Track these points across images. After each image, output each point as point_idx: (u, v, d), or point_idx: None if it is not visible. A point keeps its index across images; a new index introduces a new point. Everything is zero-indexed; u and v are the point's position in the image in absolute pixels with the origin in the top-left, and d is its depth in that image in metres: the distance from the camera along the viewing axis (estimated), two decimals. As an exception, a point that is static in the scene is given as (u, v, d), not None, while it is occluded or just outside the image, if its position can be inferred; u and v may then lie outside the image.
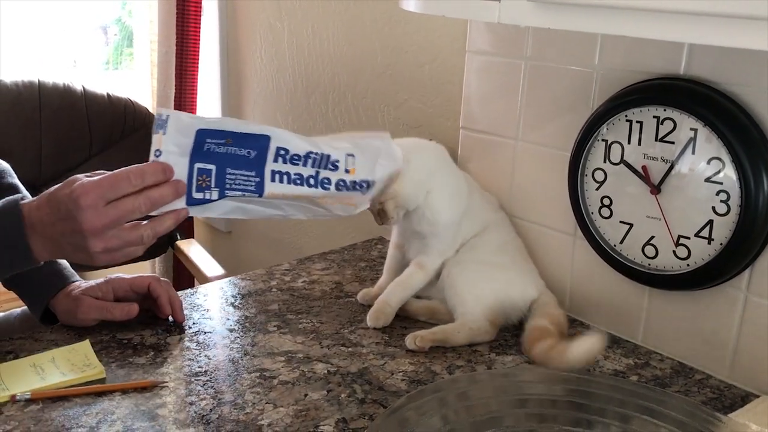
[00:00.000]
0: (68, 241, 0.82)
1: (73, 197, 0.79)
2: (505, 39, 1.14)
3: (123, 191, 0.80)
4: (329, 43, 1.57)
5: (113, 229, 0.81)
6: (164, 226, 0.84)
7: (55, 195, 0.82)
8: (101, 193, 0.80)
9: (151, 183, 0.82)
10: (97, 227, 0.80)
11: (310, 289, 1.17)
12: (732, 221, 0.89)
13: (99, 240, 0.81)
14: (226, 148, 0.84)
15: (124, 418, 0.81)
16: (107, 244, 0.81)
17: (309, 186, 0.89)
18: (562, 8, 0.73)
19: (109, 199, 0.80)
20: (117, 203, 0.80)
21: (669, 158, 0.94)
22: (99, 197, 0.79)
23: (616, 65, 1.00)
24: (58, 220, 0.81)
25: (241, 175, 0.86)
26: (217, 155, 0.84)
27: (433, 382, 0.90)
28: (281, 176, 0.87)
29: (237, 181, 0.86)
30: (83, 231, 0.80)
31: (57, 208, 0.81)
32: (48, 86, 1.69)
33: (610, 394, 0.78)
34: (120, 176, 0.81)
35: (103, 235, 0.80)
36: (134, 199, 0.81)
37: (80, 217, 0.79)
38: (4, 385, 0.85)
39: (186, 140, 0.82)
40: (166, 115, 0.82)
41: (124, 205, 0.81)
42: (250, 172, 0.86)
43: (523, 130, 1.14)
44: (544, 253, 1.13)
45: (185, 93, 1.89)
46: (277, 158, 0.86)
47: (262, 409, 0.84)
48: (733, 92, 0.89)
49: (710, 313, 0.95)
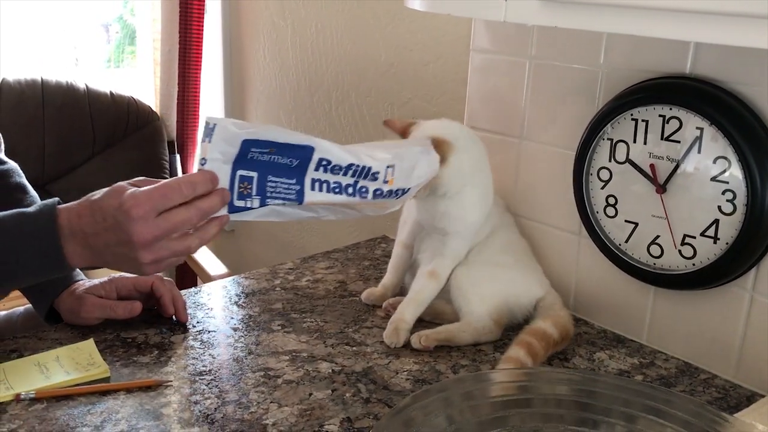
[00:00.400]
0: (114, 251, 0.81)
1: (124, 209, 0.78)
2: (509, 38, 1.14)
3: (174, 202, 0.79)
4: (333, 41, 1.56)
5: (162, 240, 0.80)
6: (209, 234, 0.84)
7: (100, 204, 0.81)
8: (153, 205, 0.78)
9: (201, 193, 0.81)
10: (148, 239, 0.79)
11: (314, 288, 1.17)
12: (738, 220, 0.89)
13: (148, 252, 0.80)
14: (269, 156, 0.84)
15: (129, 417, 0.81)
16: (156, 255, 0.81)
17: (347, 195, 0.89)
18: (568, 7, 0.72)
19: (160, 211, 0.79)
20: (168, 215, 0.79)
21: (675, 157, 0.94)
22: (151, 209, 0.78)
23: (622, 64, 0.99)
24: (103, 230, 0.80)
25: (282, 183, 0.86)
26: (259, 163, 0.84)
27: (438, 382, 0.90)
28: (321, 184, 0.87)
29: (278, 189, 0.86)
30: (133, 243, 0.79)
31: (102, 218, 0.80)
32: (51, 84, 1.69)
33: (616, 393, 0.78)
34: (172, 187, 0.80)
35: (152, 246, 0.80)
36: (186, 211, 0.80)
37: (131, 229, 0.78)
38: (9, 384, 0.85)
39: (231, 149, 0.82)
40: (213, 124, 0.81)
41: (175, 217, 0.80)
42: (290, 180, 0.86)
43: (528, 129, 1.13)
44: (549, 252, 1.13)
45: (188, 91, 1.89)
46: (318, 168, 0.86)
47: (267, 408, 0.84)
48: (739, 91, 0.88)
49: (716, 312, 0.95)
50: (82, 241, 0.81)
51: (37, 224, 0.82)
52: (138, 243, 0.79)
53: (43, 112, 1.66)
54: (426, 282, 1.04)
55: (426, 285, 1.04)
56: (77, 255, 0.82)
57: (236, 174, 0.83)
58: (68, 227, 0.82)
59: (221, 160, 0.82)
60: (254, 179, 0.84)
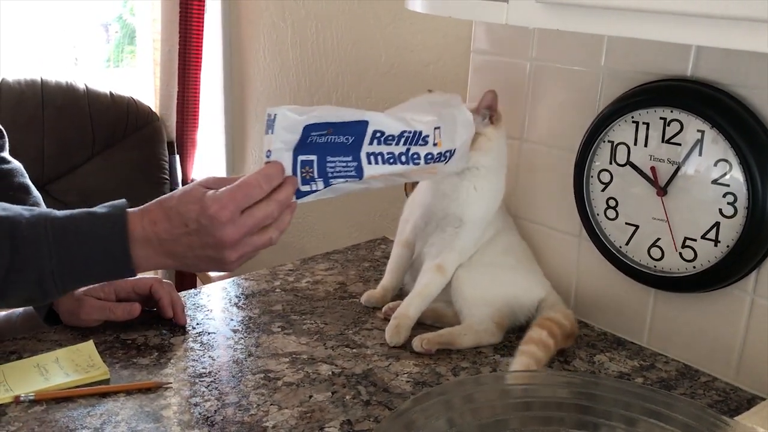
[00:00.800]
0: (197, 254, 0.83)
1: (210, 213, 0.79)
2: (510, 39, 1.13)
3: (255, 199, 0.81)
4: (333, 42, 1.56)
5: (246, 237, 0.82)
6: (285, 223, 0.86)
7: (179, 210, 0.81)
8: (237, 206, 0.80)
9: (276, 185, 0.82)
10: (235, 239, 0.81)
11: (314, 289, 1.17)
12: (739, 223, 0.89)
13: (234, 251, 0.82)
14: (326, 137, 0.85)
15: (129, 419, 0.81)
16: (241, 252, 0.82)
17: (401, 163, 0.91)
18: (570, 9, 0.72)
19: (242, 209, 0.81)
20: (251, 212, 0.81)
21: (675, 160, 0.94)
22: (236, 209, 0.80)
23: (623, 66, 0.99)
24: (184, 235, 0.81)
25: (340, 162, 0.87)
26: (317, 145, 0.85)
27: (439, 385, 0.90)
28: (375, 157, 0.89)
29: (337, 168, 0.87)
30: (223, 244, 0.80)
31: (183, 224, 0.81)
32: (51, 85, 1.69)
33: (616, 396, 0.78)
34: (251, 184, 0.81)
35: (238, 245, 0.81)
36: (266, 206, 0.82)
37: (219, 232, 0.80)
38: (8, 386, 0.85)
39: (292, 136, 0.83)
40: (273, 114, 0.82)
41: (258, 213, 0.81)
42: (347, 157, 0.87)
43: (529, 131, 1.13)
44: (550, 254, 1.13)
45: (188, 92, 1.88)
46: (372, 141, 0.88)
47: (267, 410, 0.84)
48: (740, 94, 0.88)
49: (716, 315, 0.95)
50: (157, 248, 0.83)
51: (107, 228, 0.82)
52: (227, 244, 0.81)
53: (43, 113, 1.66)
54: (433, 276, 1.04)
55: (433, 279, 1.04)
56: (146, 260, 0.83)
57: (297, 160, 0.85)
58: (141, 233, 0.82)
59: (284, 148, 0.83)
60: (314, 162, 0.85)
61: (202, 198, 0.81)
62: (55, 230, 0.81)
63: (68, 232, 0.81)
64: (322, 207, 1.68)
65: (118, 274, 0.85)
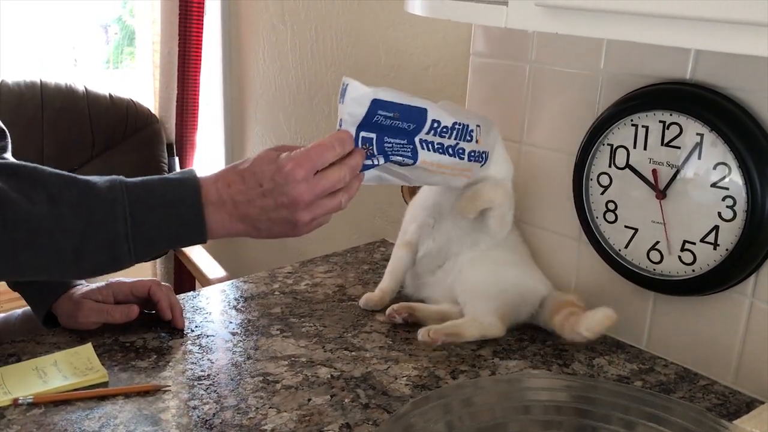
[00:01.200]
0: (270, 217, 0.83)
1: (285, 171, 0.81)
2: (509, 42, 1.13)
3: (329, 161, 0.82)
4: (332, 44, 1.56)
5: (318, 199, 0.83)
6: (354, 189, 0.87)
7: (253, 171, 0.83)
8: (312, 165, 0.81)
9: (347, 151, 0.84)
10: (309, 199, 0.81)
11: (312, 292, 1.17)
12: (738, 227, 0.89)
13: (307, 211, 0.82)
14: (391, 121, 0.88)
15: (127, 422, 0.80)
16: (314, 213, 0.83)
17: (449, 155, 0.95)
18: (569, 13, 0.72)
19: (317, 170, 0.82)
20: (325, 173, 0.83)
21: (675, 163, 0.94)
22: (311, 169, 0.81)
23: (622, 69, 0.99)
24: (259, 196, 0.82)
25: (397, 143, 0.90)
26: (380, 126, 0.88)
27: (438, 388, 0.90)
28: (428, 144, 0.93)
29: (395, 148, 0.90)
30: (297, 203, 0.81)
31: (258, 184, 0.82)
32: (50, 87, 1.69)
33: (615, 400, 0.78)
34: (326, 146, 0.82)
35: (311, 206, 0.82)
36: (339, 169, 0.83)
37: (294, 191, 0.81)
38: (6, 389, 0.85)
39: (360, 109, 0.85)
40: (346, 83, 0.85)
41: (331, 175, 0.83)
42: (403, 140, 0.91)
43: (528, 134, 1.13)
44: (549, 257, 1.13)
45: (187, 94, 1.88)
46: (430, 131, 0.92)
47: (266, 413, 0.84)
48: (739, 97, 0.88)
49: (715, 318, 0.95)
50: (231, 210, 0.83)
51: (182, 192, 0.82)
52: (300, 203, 0.81)
53: (42, 115, 1.66)
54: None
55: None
56: (220, 225, 0.83)
57: (359, 135, 0.87)
58: (216, 196, 0.82)
59: (350, 122, 0.86)
60: (374, 140, 0.88)
61: (277, 159, 0.82)
62: (130, 193, 0.81)
63: (143, 196, 0.81)
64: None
65: (191, 239, 0.84)
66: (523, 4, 0.76)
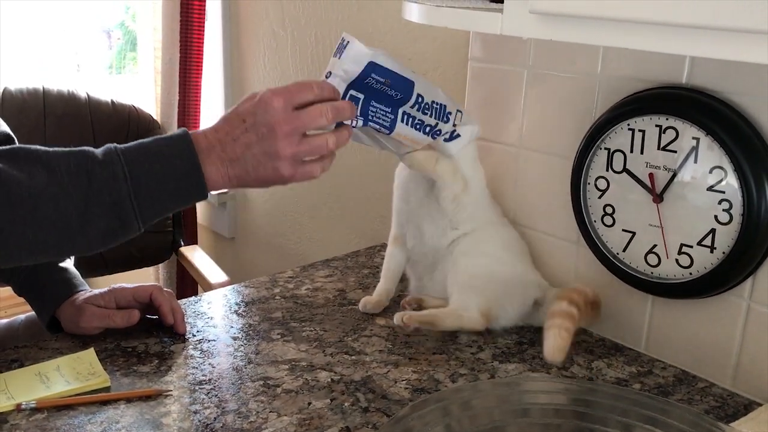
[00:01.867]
0: (253, 153, 0.83)
1: (263, 101, 0.82)
2: (507, 47, 1.14)
3: (308, 98, 0.84)
4: (332, 50, 1.56)
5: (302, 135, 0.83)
6: (344, 137, 0.88)
7: (237, 110, 0.85)
8: (290, 97, 0.83)
9: (328, 97, 0.85)
10: (287, 129, 0.82)
11: (313, 296, 1.18)
12: (734, 230, 0.89)
13: (288, 143, 0.82)
14: (382, 86, 0.90)
15: (129, 426, 0.81)
16: (296, 149, 0.83)
17: (425, 134, 0.98)
18: (563, 20, 0.73)
19: (296, 104, 0.83)
20: (305, 109, 0.83)
21: (671, 167, 0.94)
22: (288, 100, 0.82)
23: (619, 74, 1.00)
24: (242, 133, 0.83)
25: (381, 110, 0.93)
26: (370, 89, 0.90)
27: (437, 392, 0.91)
28: (408, 119, 0.95)
29: (377, 115, 0.93)
30: (275, 133, 0.81)
31: (242, 120, 0.83)
32: (52, 93, 1.70)
33: (613, 403, 0.79)
34: (306, 84, 0.84)
35: (292, 137, 0.82)
36: (321, 105, 0.84)
37: (271, 120, 0.81)
38: (10, 394, 0.85)
39: (355, 68, 0.88)
40: (346, 40, 0.88)
41: (312, 110, 0.83)
42: (387, 108, 0.93)
43: (526, 138, 1.14)
44: (547, 260, 1.14)
45: (189, 100, 1.89)
46: (414, 105, 0.94)
47: (266, 417, 0.84)
48: (735, 101, 0.89)
49: (713, 321, 0.96)
50: (220, 154, 0.83)
51: (175, 146, 0.83)
52: (279, 133, 0.81)
53: (45, 121, 1.67)
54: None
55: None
56: (216, 173, 0.83)
57: (348, 93, 0.90)
58: (205, 143, 0.83)
59: (342, 78, 0.88)
60: (360, 101, 0.90)
61: (255, 96, 0.84)
62: (126, 154, 0.81)
63: (139, 155, 0.82)
64: (322, 213, 1.69)
65: (193, 192, 0.84)
66: (518, 11, 0.77)
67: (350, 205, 1.61)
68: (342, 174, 1.60)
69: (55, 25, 2.59)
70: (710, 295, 0.94)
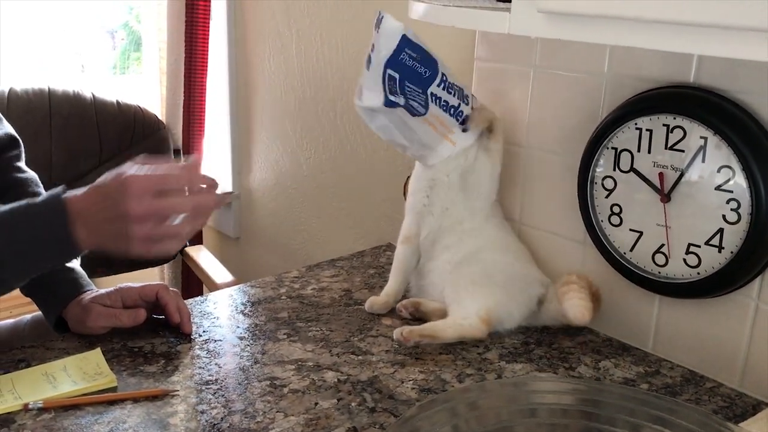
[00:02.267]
0: (111, 228, 0.86)
1: (124, 185, 0.84)
2: (513, 47, 1.14)
3: (170, 187, 0.86)
4: (338, 49, 1.57)
5: (156, 220, 0.85)
6: (199, 223, 0.91)
7: (104, 183, 0.87)
8: (150, 185, 0.85)
9: (197, 187, 0.88)
10: (140, 213, 0.84)
11: (319, 296, 1.17)
12: (742, 229, 0.89)
13: (141, 227, 0.84)
14: (413, 62, 0.95)
15: (136, 426, 0.81)
16: (148, 232, 0.85)
17: (451, 115, 1.03)
18: (572, 19, 0.73)
19: (157, 191, 0.85)
20: (164, 197, 0.85)
21: (679, 166, 0.94)
22: (148, 188, 0.84)
23: (626, 73, 1.00)
24: (104, 208, 0.85)
25: (415, 90, 0.98)
26: (403, 67, 0.96)
27: (444, 392, 0.90)
28: (437, 99, 1.00)
29: (413, 94, 0.98)
30: (128, 215, 0.83)
31: (106, 195, 0.85)
32: (58, 94, 1.70)
33: (621, 403, 0.78)
34: (170, 174, 0.87)
35: (145, 223, 0.84)
36: (181, 198, 0.87)
37: (127, 203, 0.83)
38: (17, 394, 0.85)
39: (391, 43, 0.94)
40: (381, 15, 0.94)
41: (169, 201, 0.85)
42: (419, 88, 0.98)
43: (532, 137, 1.14)
44: (554, 260, 1.13)
45: (194, 100, 1.89)
46: (441, 83, 0.99)
47: (273, 417, 0.84)
48: (743, 100, 0.89)
49: (721, 321, 0.95)
50: (85, 221, 0.86)
51: (48, 212, 0.86)
52: (132, 216, 0.83)
53: (50, 122, 1.67)
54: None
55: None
56: (85, 235, 0.86)
57: (386, 72, 0.95)
58: (75, 209, 0.86)
59: (383, 54, 0.95)
60: (397, 80, 0.96)
61: (124, 171, 0.86)
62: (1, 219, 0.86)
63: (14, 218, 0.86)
64: (328, 214, 1.69)
65: (65, 255, 0.89)
66: (525, 10, 0.77)
67: (356, 205, 1.61)
68: (348, 174, 1.60)
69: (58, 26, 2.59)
70: (718, 295, 0.94)
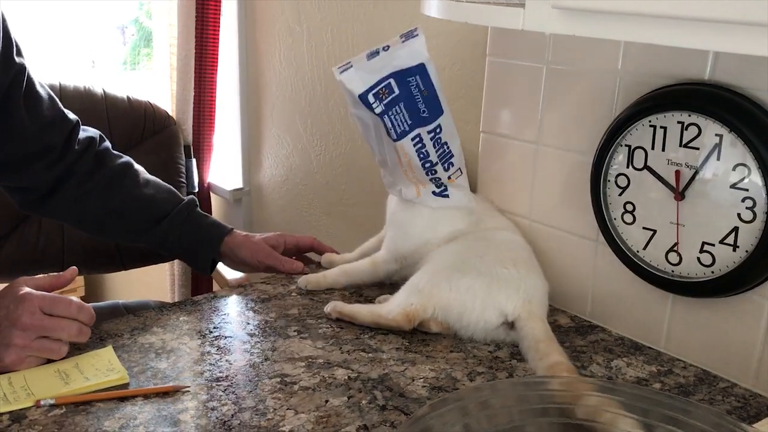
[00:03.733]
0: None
1: (19, 296, 0.90)
2: (525, 43, 1.13)
3: (61, 312, 0.91)
4: (348, 46, 1.56)
5: (39, 335, 0.89)
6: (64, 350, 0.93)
7: (9, 289, 0.93)
8: (42, 304, 0.90)
9: (84, 319, 0.93)
10: (26, 324, 0.88)
11: (329, 293, 1.17)
12: (758, 228, 0.88)
13: (21, 337, 0.88)
14: (418, 92, 0.97)
15: (147, 423, 0.81)
16: (26, 342, 0.89)
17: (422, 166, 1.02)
18: (586, 15, 0.72)
19: (48, 311, 0.90)
20: (53, 317, 0.91)
21: (693, 164, 0.93)
22: (38, 306, 0.89)
23: (640, 70, 0.99)
24: (4, 317, 0.90)
25: (401, 115, 0.98)
26: (407, 89, 0.96)
27: (455, 390, 0.90)
28: (418, 142, 1.00)
29: (396, 117, 0.98)
30: (15, 323, 0.88)
31: (4, 306, 0.90)
32: (69, 89, 1.70)
33: (633, 402, 0.78)
34: (66, 301, 0.92)
35: (28, 334, 0.89)
36: (70, 323, 0.92)
37: (17, 313, 0.88)
38: (30, 390, 0.86)
39: (409, 61, 0.95)
40: (416, 33, 0.96)
41: (58, 321, 0.91)
42: (408, 120, 0.98)
43: (544, 135, 1.13)
44: (566, 258, 1.13)
45: (204, 96, 1.89)
46: (431, 132, 0.99)
47: (284, 415, 0.84)
48: (758, 97, 0.87)
49: (735, 320, 0.94)
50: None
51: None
52: (19, 325, 0.88)
53: (62, 117, 1.67)
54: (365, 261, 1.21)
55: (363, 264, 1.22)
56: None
57: (388, 80, 0.95)
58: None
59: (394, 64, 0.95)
60: (392, 95, 0.96)
61: (23, 287, 0.92)
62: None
63: None
64: (337, 210, 1.69)
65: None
66: (539, 6, 0.76)
67: (366, 202, 1.60)
68: (358, 171, 1.60)
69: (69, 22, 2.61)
70: (732, 294, 0.93)
